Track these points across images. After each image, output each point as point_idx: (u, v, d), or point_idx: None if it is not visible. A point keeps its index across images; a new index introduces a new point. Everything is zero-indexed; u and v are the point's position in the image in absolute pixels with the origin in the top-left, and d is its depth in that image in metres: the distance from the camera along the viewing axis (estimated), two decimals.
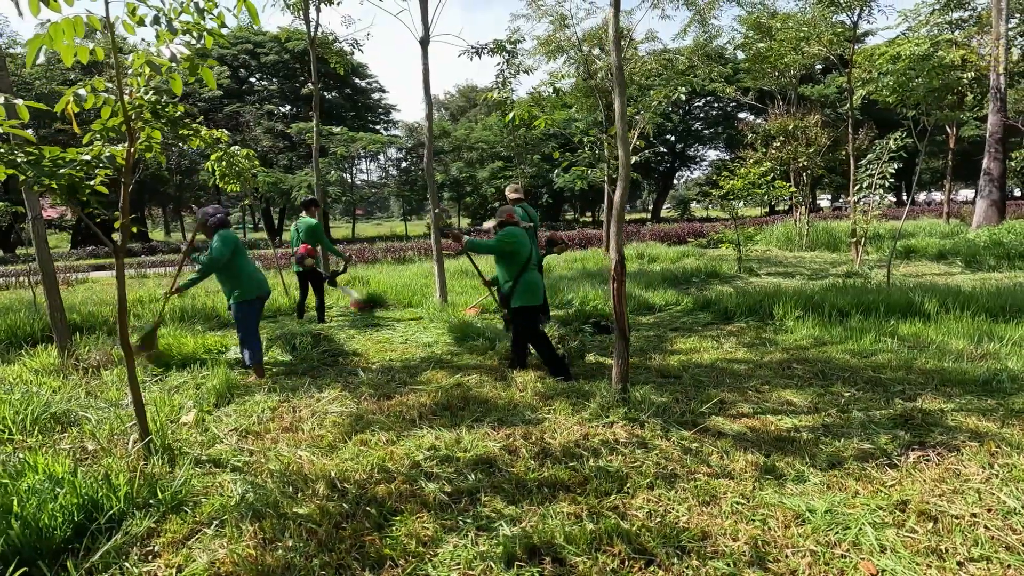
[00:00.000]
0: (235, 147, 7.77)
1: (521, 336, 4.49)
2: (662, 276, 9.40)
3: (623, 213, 3.48)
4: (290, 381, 4.52)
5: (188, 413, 3.78)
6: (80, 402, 4.07)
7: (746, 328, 5.94)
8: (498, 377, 4.45)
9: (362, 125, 36.43)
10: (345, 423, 3.55)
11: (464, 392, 4.08)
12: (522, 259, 4.27)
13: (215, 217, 4.59)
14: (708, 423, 3.40)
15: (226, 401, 4.08)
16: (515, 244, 4.27)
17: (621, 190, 3.47)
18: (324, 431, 3.45)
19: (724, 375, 4.40)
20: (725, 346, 5.29)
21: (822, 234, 15.02)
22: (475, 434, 3.32)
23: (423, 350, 5.48)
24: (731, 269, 10.55)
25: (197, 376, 4.69)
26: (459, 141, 33.71)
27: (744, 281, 9.69)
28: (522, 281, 4.26)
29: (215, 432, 3.45)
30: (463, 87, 53.60)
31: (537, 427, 3.41)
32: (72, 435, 3.48)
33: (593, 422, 3.43)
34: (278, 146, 29.93)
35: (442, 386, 4.21)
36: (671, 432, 3.26)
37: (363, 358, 5.24)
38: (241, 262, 4.55)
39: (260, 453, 3.16)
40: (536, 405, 3.79)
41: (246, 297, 4.55)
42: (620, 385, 3.60)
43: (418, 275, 10.37)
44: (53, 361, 5.14)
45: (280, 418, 3.71)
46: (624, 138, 3.35)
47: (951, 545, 2.14)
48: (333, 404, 3.93)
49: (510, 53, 9.49)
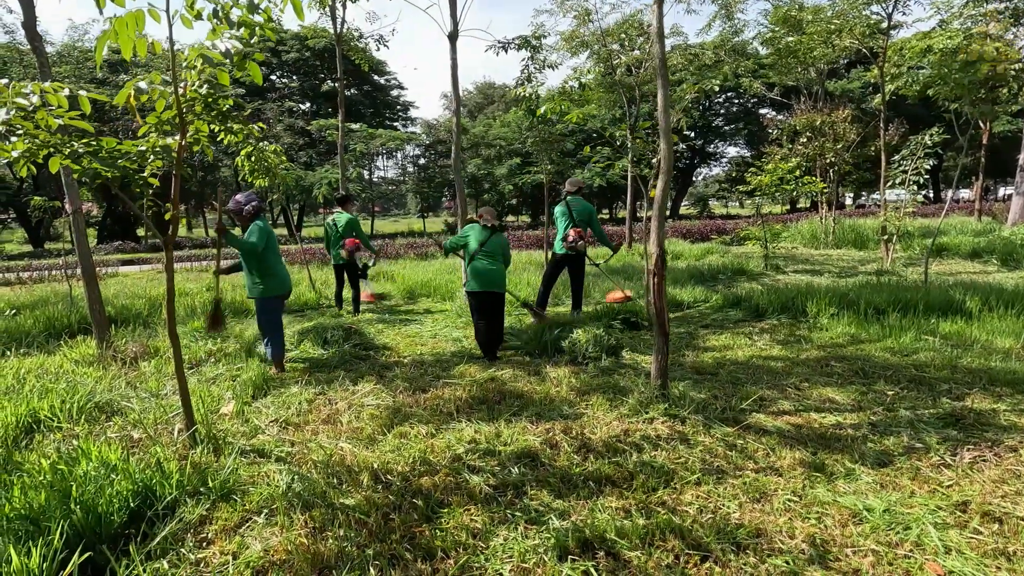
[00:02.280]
0: (264, 142, 7.91)
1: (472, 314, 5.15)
2: (688, 273, 9.30)
3: (665, 206, 3.44)
4: (324, 374, 4.56)
5: (228, 404, 3.83)
6: (121, 392, 4.14)
7: (779, 325, 5.84)
8: (531, 372, 4.44)
9: (381, 122, 36.65)
10: (383, 416, 3.57)
11: (499, 386, 4.07)
12: (469, 250, 4.97)
13: (250, 205, 4.56)
14: (750, 419, 3.35)
15: (263, 393, 4.13)
16: (462, 239, 5.06)
17: (663, 183, 3.42)
18: (362, 423, 3.47)
19: (761, 372, 4.33)
20: (759, 343, 5.21)
21: (848, 231, 14.74)
22: (514, 428, 3.31)
23: (453, 344, 5.49)
24: (757, 266, 10.40)
25: (233, 368, 4.75)
26: (477, 138, 33.69)
27: (771, 278, 9.55)
28: (469, 268, 4.92)
29: (256, 423, 3.48)
30: (481, 84, 53.62)
31: (576, 422, 3.39)
32: (118, 424, 3.54)
33: (633, 418, 3.40)
34: (298, 143, 30.21)
35: (476, 380, 4.21)
36: (713, 428, 3.21)
37: (394, 352, 5.26)
38: (271, 257, 4.53)
39: (302, 444, 3.19)
40: (573, 400, 3.77)
41: (271, 293, 4.53)
42: (659, 381, 3.56)
43: (441, 271, 10.39)
44: (92, 352, 5.25)
45: (318, 410, 3.74)
46: (667, 130, 3.31)
47: (1020, 548, 2.07)
48: (369, 397, 3.95)
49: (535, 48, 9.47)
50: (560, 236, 6.12)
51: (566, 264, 6.25)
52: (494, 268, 4.93)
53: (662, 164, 3.35)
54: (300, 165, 30.21)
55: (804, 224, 16.18)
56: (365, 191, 30.76)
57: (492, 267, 4.91)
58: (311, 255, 13.37)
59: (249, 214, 4.58)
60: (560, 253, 6.13)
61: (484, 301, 4.85)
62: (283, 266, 4.76)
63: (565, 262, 6.22)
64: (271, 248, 4.57)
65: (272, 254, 4.58)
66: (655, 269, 3.45)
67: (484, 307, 4.86)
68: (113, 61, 27.39)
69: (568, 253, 6.07)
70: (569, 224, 6.06)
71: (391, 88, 39.82)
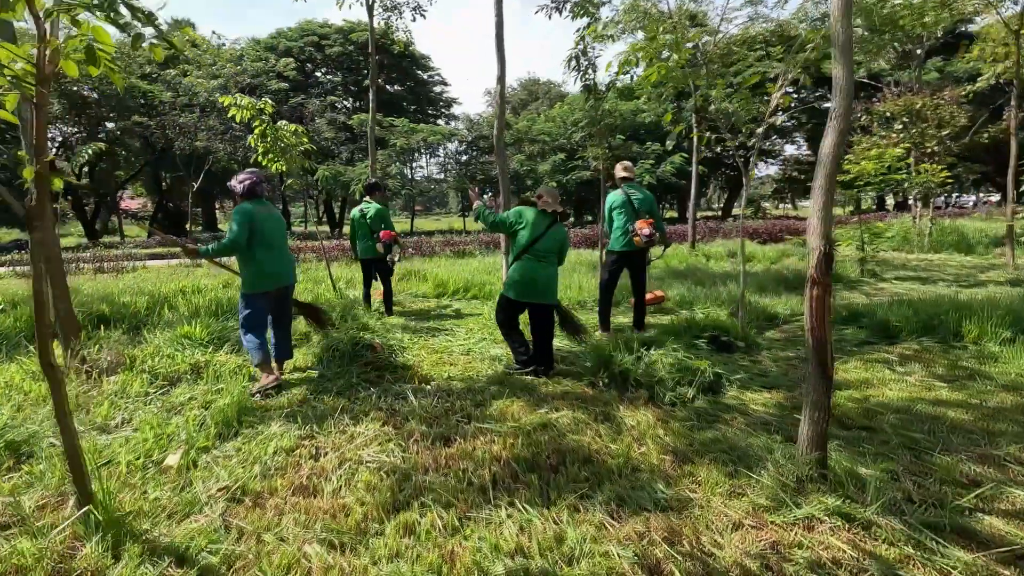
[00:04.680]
0: (282, 122, 6.93)
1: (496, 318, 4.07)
2: (770, 277, 7.82)
3: (835, 173, 2.11)
4: (321, 403, 3.44)
5: (176, 452, 2.75)
6: (53, 424, 3.14)
7: (923, 352, 4.37)
8: (599, 415, 3.17)
9: (423, 118, 36.00)
10: (384, 485, 2.39)
11: (555, 439, 2.83)
12: (519, 243, 3.85)
13: (243, 184, 3.81)
14: (978, 525, 2.00)
15: (232, 432, 3.03)
16: (512, 223, 3.87)
17: (835, 138, 2.09)
18: (352, 498, 2.30)
19: (940, 427, 2.93)
20: (910, 379, 3.77)
21: (949, 234, 12.75)
22: (584, 525, 2.07)
23: (490, 365, 4.27)
24: (852, 272, 8.78)
25: (212, 391, 3.70)
26: (520, 133, 32.44)
27: (872, 287, 7.94)
28: (514, 267, 3.85)
29: (198, 491, 2.37)
30: (525, 80, 52.44)
31: (683, 517, 2.12)
32: (20, 476, 2.51)
33: (777, 515, 2.09)
34: (339, 138, 29.82)
35: (521, 426, 2.98)
36: (925, 542, 1.88)
37: (415, 373, 4.10)
38: (254, 248, 3.74)
39: (252, 536, 2.05)
40: (668, 471, 2.49)
41: (251, 290, 3.81)
42: (816, 453, 2.23)
43: (479, 270, 9.23)
44: (60, 361, 4.32)
45: (296, 467, 2.60)
46: (847, 46, 1.99)
47: None
48: (371, 448, 2.79)
49: (593, 16, 8.19)
50: (620, 230, 4.94)
51: (626, 264, 5.06)
52: (548, 273, 3.81)
53: (838, 103, 2.03)
54: (341, 161, 29.82)
55: (894, 225, 14.20)
56: (405, 187, 30.06)
57: (545, 271, 3.82)
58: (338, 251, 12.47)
59: (240, 194, 3.83)
60: (618, 251, 4.96)
61: (524, 309, 3.85)
62: (273, 257, 3.84)
63: (623, 262, 5.04)
64: (257, 235, 3.73)
65: (257, 243, 3.75)
66: (817, 274, 2.13)
67: (518, 314, 3.88)
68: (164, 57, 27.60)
69: (628, 250, 4.92)
70: (630, 216, 4.90)
71: (434, 84, 39.12)
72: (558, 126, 31.94)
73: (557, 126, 31.99)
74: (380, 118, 28.85)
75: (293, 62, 29.93)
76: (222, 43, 30.89)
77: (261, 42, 32.69)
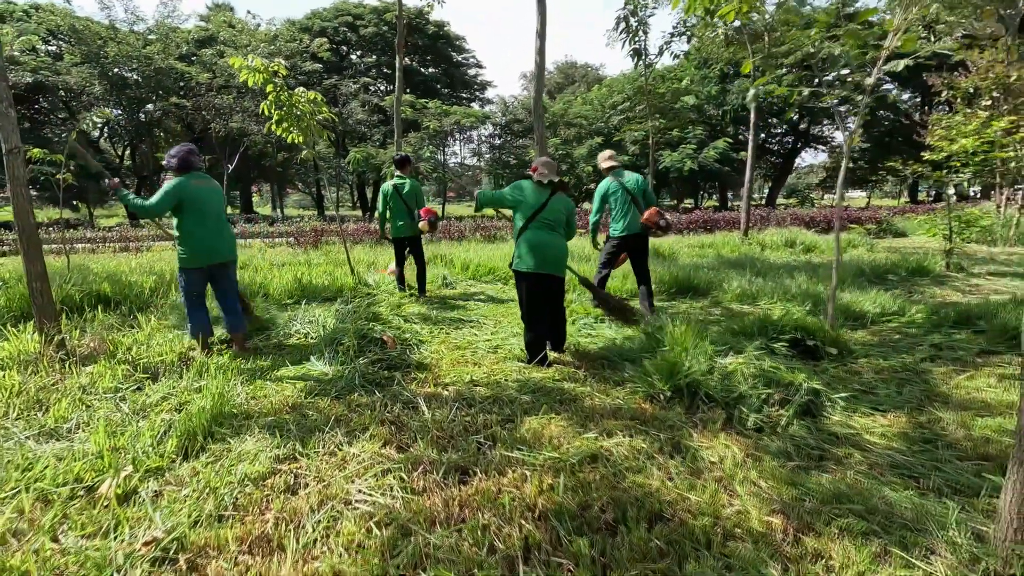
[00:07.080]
0: (300, 88, 6.31)
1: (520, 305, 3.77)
2: (847, 270, 6.85)
3: None
4: (313, 410, 2.79)
5: (118, 475, 2.13)
6: (6, 425, 2.60)
7: None
8: (665, 444, 2.41)
9: (457, 101, 35.28)
10: (373, 545, 1.71)
11: (609, 479, 2.09)
12: (521, 216, 3.65)
13: (175, 157, 3.74)
14: None
15: (197, 448, 2.41)
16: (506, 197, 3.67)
17: None
18: (327, 563, 1.63)
19: None
20: None
21: None
22: None
23: (521, 369, 3.55)
24: (935, 266, 7.69)
25: (191, 389, 3.11)
26: (556, 117, 31.37)
27: (964, 282, 6.89)
28: (520, 240, 3.62)
29: (127, 535, 1.73)
30: (562, 64, 51.07)
31: None
32: None
33: None
34: (372, 120, 29.41)
35: (563, 457, 2.25)
36: None
37: (432, 374, 3.42)
38: (189, 220, 3.69)
39: None
40: (779, 542, 1.73)
41: (186, 265, 3.77)
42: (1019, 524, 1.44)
43: (509, 255, 8.50)
44: (35, 347, 3.82)
45: (262, 507, 1.95)
46: None
47: None
48: (365, 478, 2.11)
49: None
50: (619, 215, 4.94)
51: (625, 249, 5.04)
52: (556, 242, 3.59)
53: None
54: (373, 144, 29.44)
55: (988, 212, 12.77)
56: (437, 171, 29.50)
57: (554, 241, 3.59)
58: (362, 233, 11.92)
59: (173, 169, 3.75)
60: (618, 235, 4.96)
61: (540, 286, 3.57)
62: (207, 232, 3.74)
63: (623, 246, 5.02)
64: (189, 210, 3.68)
65: (191, 217, 3.70)
66: None
67: (538, 295, 3.57)
68: (201, 38, 27.71)
69: (627, 234, 4.91)
70: (627, 199, 4.90)
71: (468, 67, 38.28)
72: (595, 109, 30.73)
73: (595, 109, 30.79)
74: (413, 99, 28.26)
75: (327, 42, 29.55)
76: (258, 24, 30.82)
77: (296, 23, 32.46)
